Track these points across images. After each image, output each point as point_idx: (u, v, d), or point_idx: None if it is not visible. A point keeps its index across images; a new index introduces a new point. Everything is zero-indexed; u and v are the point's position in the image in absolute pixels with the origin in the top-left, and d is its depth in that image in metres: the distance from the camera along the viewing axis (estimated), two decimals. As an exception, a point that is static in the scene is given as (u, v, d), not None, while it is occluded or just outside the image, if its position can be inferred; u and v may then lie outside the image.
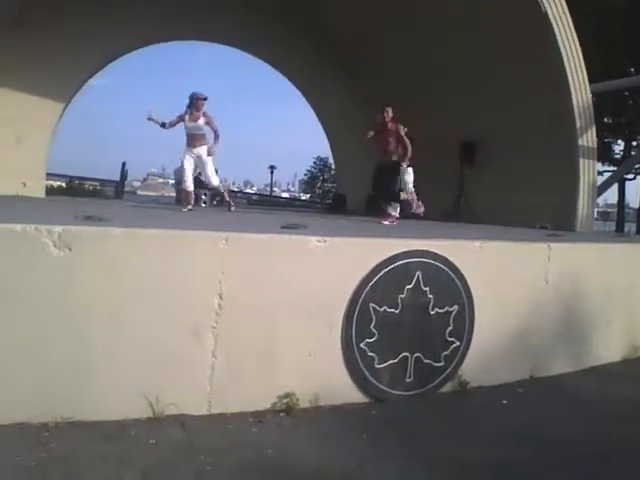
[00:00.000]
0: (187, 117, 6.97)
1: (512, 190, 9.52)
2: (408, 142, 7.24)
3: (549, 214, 8.57)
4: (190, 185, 7.19)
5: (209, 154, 7.12)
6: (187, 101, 7.05)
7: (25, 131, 11.20)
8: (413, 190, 8.75)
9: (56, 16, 10.78)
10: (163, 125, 7.04)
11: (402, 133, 7.08)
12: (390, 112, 7.16)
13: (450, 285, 3.93)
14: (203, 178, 7.81)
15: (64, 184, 18.48)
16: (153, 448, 2.80)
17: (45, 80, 11.00)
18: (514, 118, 9.63)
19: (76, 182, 19.19)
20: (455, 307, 3.95)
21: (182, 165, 7.22)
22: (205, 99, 7.06)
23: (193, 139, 7.02)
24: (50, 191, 14.00)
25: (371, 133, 7.15)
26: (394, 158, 7.22)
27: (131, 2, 11.33)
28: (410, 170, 8.73)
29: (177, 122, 7.04)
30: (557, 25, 8.57)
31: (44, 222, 3.08)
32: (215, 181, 7.44)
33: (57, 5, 10.66)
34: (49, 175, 14.11)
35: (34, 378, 2.91)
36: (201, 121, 6.98)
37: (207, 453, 2.78)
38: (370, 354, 3.64)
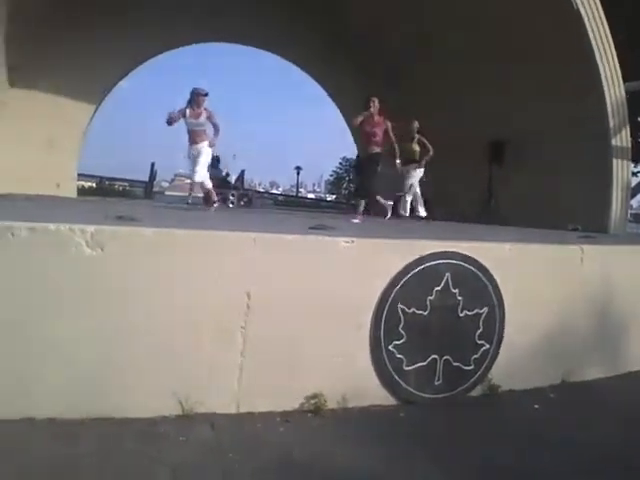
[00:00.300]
0: (188, 113, 6.99)
1: (543, 191, 9.35)
2: (394, 138, 7.21)
3: (581, 215, 8.38)
4: (198, 177, 7.17)
5: (210, 146, 7.14)
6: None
7: (58, 133, 11.49)
8: (418, 192, 8.67)
9: (89, 19, 11.02)
10: (169, 122, 7.04)
11: (389, 127, 7.04)
12: (376, 102, 7.09)
13: (480, 287, 3.87)
14: (229, 178, 7.88)
15: (95, 185, 18.86)
16: (183, 446, 2.82)
17: (77, 83, 11.28)
18: (545, 117, 9.44)
19: (106, 183, 19.57)
20: (485, 309, 3.89)
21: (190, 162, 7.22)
22: (206, 95, 7.09)
23: (195, 135, 7.05)
24: (81, 192, 14.31)
25: (360, 119, 7.11)
26: (376, 150, 7.10)
27: (162, 6, 11.49)
28: (415, 172, 8.65)
29: (179, 117, 7.04)
30: (590, 22, 8.40)
31: (77, 222, 3.14)
32: (199, 177, 7.24)
33: (90, 8, 10.88)
34: (80, 176, 14.44)
35: (67, 374, 2.96)
36: (202, 117, 7.01)
37: (235, 452, 2.79)
38: (398, 356, 3.61)
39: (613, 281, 4.58)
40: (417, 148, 8.76)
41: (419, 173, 8.78)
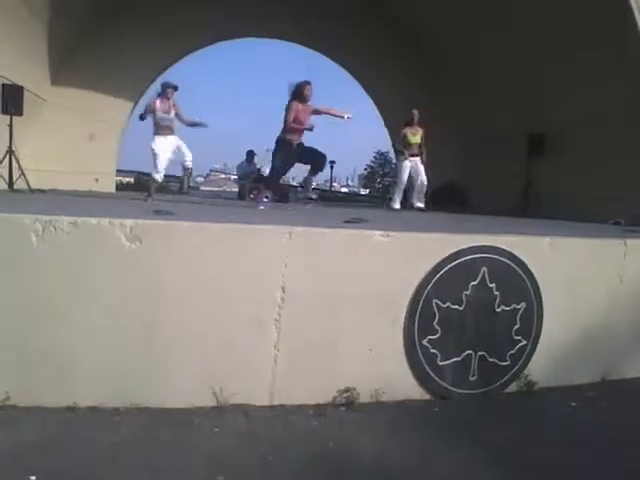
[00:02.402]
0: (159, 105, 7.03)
1: (584, 183, 9.07)
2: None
3: (624, 209, 8.09)
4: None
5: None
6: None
7: (98, 130, 11.77)
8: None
9: (130, 14, 11.25)
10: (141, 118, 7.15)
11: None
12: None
13: (517, 282, 3.79)
14: (262, 173, 7.92)
15: (132, 180, 19.25)
16: (217, 436, 2.87)
17: (118, 78, 11.52)
18: (587, 106, 9.11)
19: (144, 178, 19.94)
20: (522, 305, 3.81)
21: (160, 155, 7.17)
22: (176, 88, 7.15)
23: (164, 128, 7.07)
24: (120, 187, 14.62)
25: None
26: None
27: (208, 1, 11.60)
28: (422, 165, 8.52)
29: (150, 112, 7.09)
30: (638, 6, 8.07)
31: (117, 215, 3.21)
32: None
33: (128, 10, 11.12)
34: (119, 172, 14.75)
35: (107, 364, 3.05)
36: (172, 111, 7.06)
37: (269, 443, 2.83)
38: (433, 351, 3.57)
39: (657, 277, 4.42)
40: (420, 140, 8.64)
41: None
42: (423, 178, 8.51)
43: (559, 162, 9.79)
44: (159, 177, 7.25)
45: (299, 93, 6.60)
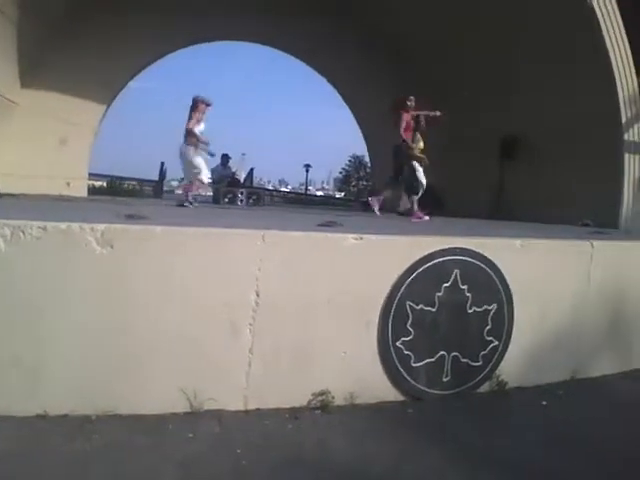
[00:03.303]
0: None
1: (553, 186, 9.30)
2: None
3: (592, 211, 8.31)
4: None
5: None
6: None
7: (69, 133, 11.57)
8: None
9: (99, 21, 11.10)
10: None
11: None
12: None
13: (489, 283, 3.86)
14: (238, 177, 7.96)
15: (105, 184, 18.96)
16: (191, 442, 2.85)
17: (89, 82, 11.33)
18: (556, 111, 9.36)
19: (117, 182, 19.66)
20: (494, 306, 3.87)
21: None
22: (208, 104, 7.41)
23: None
24: (92, 191, 14.40)
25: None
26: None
27: (177, 5, 11.51)
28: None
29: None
30: (602, 16, 8.32)
31: (88, 220, 3.17)
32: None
33: (100, 9, 10.96)
34: (91, 175, 14.53)
35: (78, 371, 3.00)
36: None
37: (243, 448, 2.81)
38: (406, 352, 3.61)
39: (623, 277, 4.55)
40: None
41: None
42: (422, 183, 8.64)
43: (530, 166, 10.00)
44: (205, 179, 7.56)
45: (403, 104, 7.54)
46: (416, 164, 8.16)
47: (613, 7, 8.39)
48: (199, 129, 7.22)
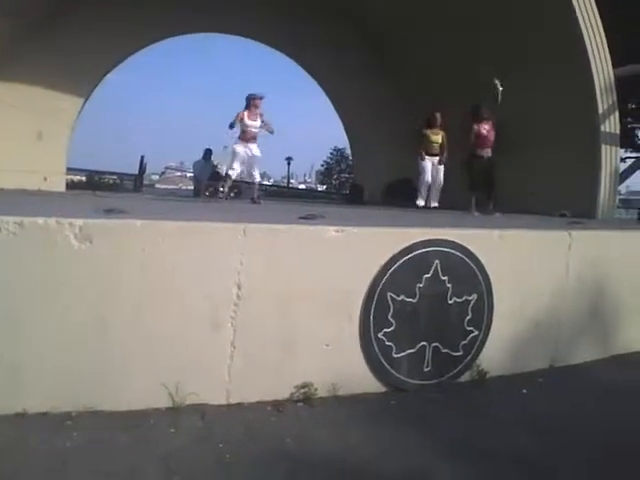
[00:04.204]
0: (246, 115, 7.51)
1: (531, 177, 9.39)
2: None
3: (569, 201, 8.42)
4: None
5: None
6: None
7: (46, 126, 11.39)
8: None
9: (76, 12, 10.92)
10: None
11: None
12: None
13: (469, 274, 3.90)
14: (219, 170, 8.00)
15: (84, 178, 18.73)
16: (173, 437, 2.84)
17: (66, 75, 11.17)
18: (533, 103, 9.43)
19: (96, 176, 19.43)
20: (474, 296, 3.91)
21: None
22: (262, 98, 7.66)
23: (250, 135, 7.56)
24: (71, 185, 14.22)
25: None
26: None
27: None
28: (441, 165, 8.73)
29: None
30: (579, 7, 8.40)
31: (66, 215, 3.12)
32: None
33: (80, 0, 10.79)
34: (69, 170, 14.34)
35: (58, 368, 2.97)
36: (259, 120, 7.59)
37: (226, 442, 2.81)
38: (388, 344, 3.63)
39: (600, 266, 4.63)
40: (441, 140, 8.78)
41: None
42: (441, 177, 8.63)
43: (508, 157, 10.07)
44: (233, 174, 7.81)
45: (476, 113, 7.93)
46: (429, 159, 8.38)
47: (591, 4, 8.48)
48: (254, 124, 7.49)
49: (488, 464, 2.80)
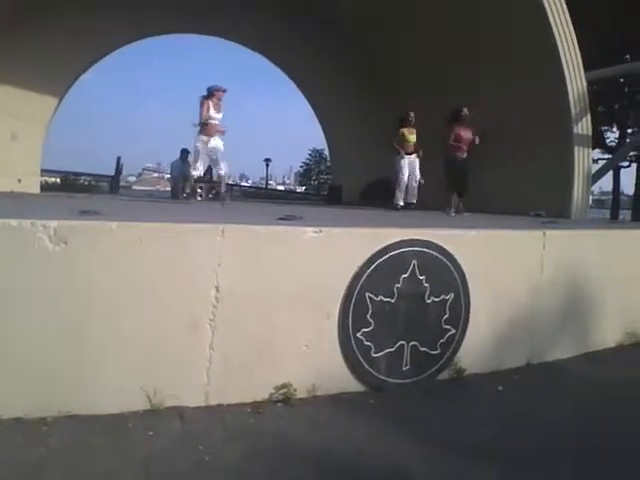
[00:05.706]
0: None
1: (506, 178, 9.52)
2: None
3: (544, 202, 8.57)
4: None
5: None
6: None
7: (20, 127, 11.18)
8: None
9: (50, 11, 10.75)
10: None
11: None
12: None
13: (446, 273, 3.94)
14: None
15: (59, 180, 18.44)
16: (151, 439, 2.81)
17: (39, 76, 10.99)
18: (508, 106, 9.58)
19: (71, 178, 19.13)
20: (451, 295, 3.96)
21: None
22: (225, 91, 7.31)
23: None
24: (45, 187, 13.98)
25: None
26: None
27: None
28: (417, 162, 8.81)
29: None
30: (551, 11, 8.56)
31: (40, 217, 3.07)
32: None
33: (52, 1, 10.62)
34: (44, 171, 14.10)
35: (32, 373, 2.91)
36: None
37: (205, 443, 2.80)
38: (367, 343, 3.65)
39: (574, 265, 4.72)
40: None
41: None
42: (417, 175, 8.71)
43: (481, 159, 10.22)
44: (196, 174, 7.43)
45: (457, 117, 8.10)
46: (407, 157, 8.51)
47: (563, 8, 8.65)
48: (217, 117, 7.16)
49: (461, 459, 2.84)
